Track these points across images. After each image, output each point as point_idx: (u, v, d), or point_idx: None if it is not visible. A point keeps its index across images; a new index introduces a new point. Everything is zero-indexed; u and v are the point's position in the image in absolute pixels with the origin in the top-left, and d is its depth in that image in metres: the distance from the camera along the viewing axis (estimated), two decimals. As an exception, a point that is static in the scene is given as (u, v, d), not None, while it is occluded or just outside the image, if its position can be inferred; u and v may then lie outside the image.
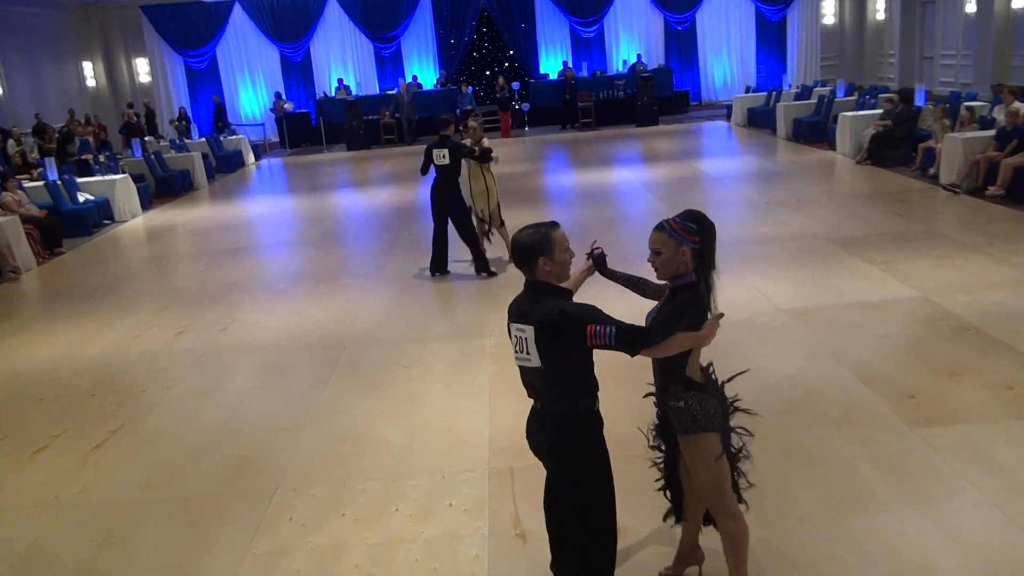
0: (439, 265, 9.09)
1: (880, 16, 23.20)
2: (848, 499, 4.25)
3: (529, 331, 3.04)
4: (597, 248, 3.71)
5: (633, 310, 3.86)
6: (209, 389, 6.45)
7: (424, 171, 8.99)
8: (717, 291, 3.27)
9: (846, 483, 4.40)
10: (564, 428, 3.16)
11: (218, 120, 23.03)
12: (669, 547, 3.88)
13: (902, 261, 8.05)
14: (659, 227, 3.19)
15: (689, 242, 3.13)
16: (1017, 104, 11.05)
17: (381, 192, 15.24)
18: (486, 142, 9.47)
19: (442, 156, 8.76)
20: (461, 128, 10.62)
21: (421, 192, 15.03)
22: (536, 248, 3.09)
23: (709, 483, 3.24)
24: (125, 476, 5.16)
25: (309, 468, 5.07)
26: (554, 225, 3.15)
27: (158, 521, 4.61)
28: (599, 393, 3.22)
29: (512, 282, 8.59)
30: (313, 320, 7.91)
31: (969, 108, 12.42)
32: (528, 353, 3.07)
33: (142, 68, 25.54)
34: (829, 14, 25.16)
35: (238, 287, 9.31)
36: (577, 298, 3.23)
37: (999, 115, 11.78)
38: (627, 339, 2.97)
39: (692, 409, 3.19)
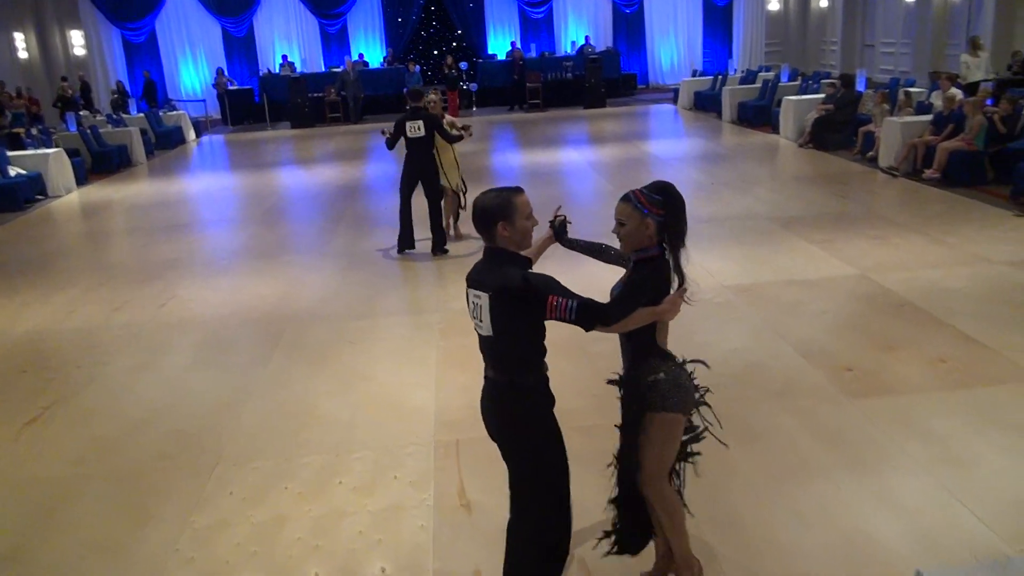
0: (407, 242, 8.85)
1: (823, 4, 23.58)
2: (788, 467, 4.33)
3: (485, 298, 2.97)
4: (560, 215, 3.54)
5: (598, 280, 3.85)
6: (147, 365, 6.30)
7: (391, 145, 8.67)
8: (687, 268, 3.12)
9: (786, 452, 4.48)
10: (511, 400, 3.11)
11: (147, 96, 22.23)
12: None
13: (842, 240, 8.21)
14: (625, 198, 3.09)
15: (654, 214, 3.04)
16: (954, 90, 11.33)
17: (326, 170, 15.02)
18: (459, 122, 9.37)
19: (416, 128, 8.47)
20: (407, 107, 10.47)
21: (367, 170, 14.88)
22: (497, 213, 2.98)
23: (658, 463, 3.20)
24: (59, 452, 5.01)
25: (251, 443, 4.98)
26: (517, 190, 3.05)
27: (93, 497, 4.49)
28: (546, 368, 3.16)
29: (464, 263, 8.57)
30: (255, 296, 7.77)
31: (907, 93, 12.69)
32: (482, 320, 3.02)
33: (77, 40, 24.69)
34: (774, 0, 25.46)
35: (178, 263, 9.10)
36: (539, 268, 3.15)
37: (936, 100, 12.06)
38: (587, 315, 2.90)
39: (670, 385, 3.10)
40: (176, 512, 4.27)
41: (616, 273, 3.39)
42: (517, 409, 3.11)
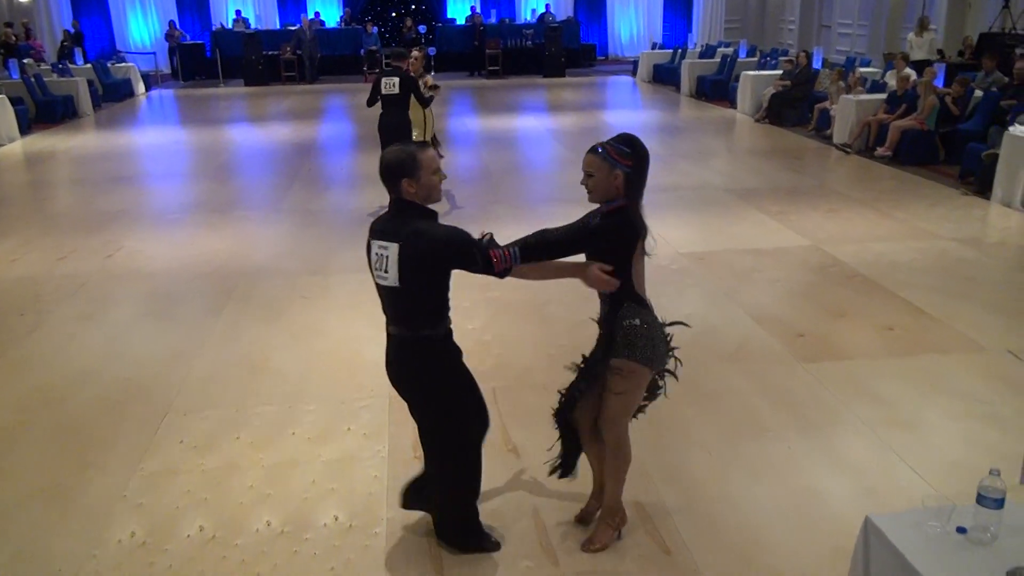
0: None
1: (783, -18, 23.73)
2: (740, 427, 4.39)
3: (393, 249, 2.95)
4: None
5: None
6: (93, 315, 6.14)
7: (371, 102, 8.68)
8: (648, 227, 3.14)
9: (738, 413, 4.55)
10: (419, 354, 3.11)
11: (62, 46, 21.02)
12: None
13: (795, 213, 8.32)
14: (592, 150, 3.10)
15: (622, 165, 3.05)
16: (908, 70, 11.51)
17: (280, 128, 14.74)
18: (430, 79, 9.38)
19: (391, 85, 8.45)
20: (365, 68, 10.26)
21: (322, 130, 14.65)
22: (401, 168, 2.97)
23: (620, 410, 3.25)
24: (1, 400, 4.87)
25: (201, 393, 4.90)
26: (423, 146, 3.06)
27: (36, 444, 4.37)
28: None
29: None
30: (206, 250, 7.62)
31: (858, 73, 12.85)
32: (387, 272, 2.99)
33: (21, -15, 23.79)
34: (735, -23, 25.57)
35: (126, 215, 8.88)
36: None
37: (891, 80, 12.24)
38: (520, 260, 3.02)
39: (643, 335, 3.13)
40: (123, 460, 4.18)
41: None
42: (427, 363, 3.13)
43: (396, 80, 8.45)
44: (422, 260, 2.94)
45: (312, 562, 3.42)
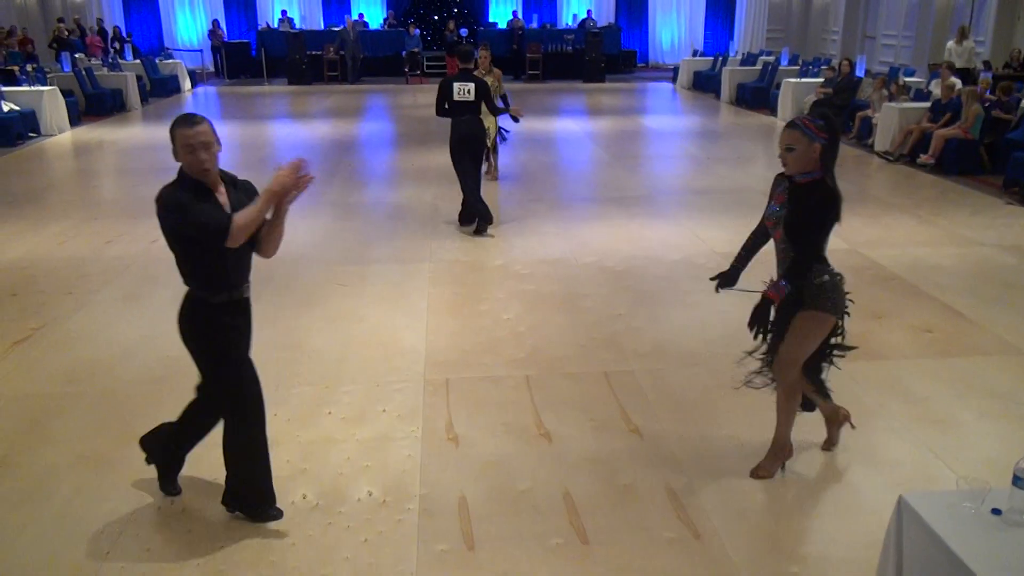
0: (484, 216, 7.79)
1: (827, -8, 23.56)
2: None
3: None
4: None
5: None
6: (138, 295, 6.30)
7: (441, 111, 7.73)
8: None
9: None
10: (184, 309, 3.38)
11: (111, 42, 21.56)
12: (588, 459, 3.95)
13: (834, 217, 8.26)
14: (792, 124, 3.37)
15: (820, 138, 3.29)
16: (953, 79, 11.38)
17: (322, 125, 14.93)
18: (518, 110, 8.68)
19: (466, 91, 7.55)
20: (407, 70, 10.23)
21: (362, 127, 14.82)
22: (170, 134, 3.23)
23: (796, 351, 3.56)
24: (48, 370, 5.02)
25: (241, 372, 4.99)
26: (187, 123, 3.21)
27: (81, 413, 4.50)
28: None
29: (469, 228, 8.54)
30: (248, 238, 7.74)
31: (903, 81, 12.73)
32: None
33: (74, -17, 24.37)
34: (778, -14, 25.44)
35: (170, 203, 9.05)
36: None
37: (935, 89, 12.11)
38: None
39: (831, 287, 3.45)
40: (164, 431, 4.28)
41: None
42: (188, 321, 3.38)
43: (471, 86, 7.57)
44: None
45: (345, 534, 3.48)
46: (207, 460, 3.99)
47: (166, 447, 3.72)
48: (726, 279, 3.94)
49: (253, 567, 3.28)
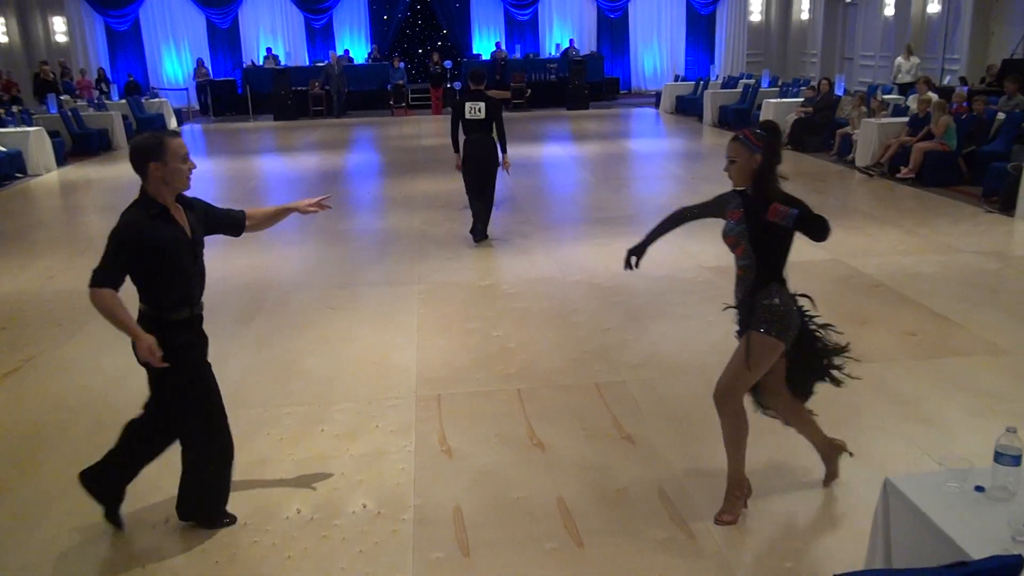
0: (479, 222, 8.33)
1: (804, 16, 23.93)
2: (763, 423, 4.38)
3: None
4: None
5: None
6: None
7: (454, 130, 8.20)
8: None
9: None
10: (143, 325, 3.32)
11: (129, 95, 21.89)
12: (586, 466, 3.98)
13: (818, 230, 8.35)
14: (735, 138, 3.38)
15: (758, 147, 3.31)
16: (930, 93, 11.57)
17: (309, 158, 15.03)
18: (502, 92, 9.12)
19: (477, 110, 7.92)
20: (391, 103, 10.28)
21: (349, 159, 14.92)
22: (149, 152, 3.20)
23: (737, 379, 3.42)
24: (39, 399, 5.03)
25: (233, 394, 4.95)
26: (173, 134, 3.32)
27: (75, 440, 4.50)
28: None
29: (467, 242, 8.59)
30: (236, 267, 7.78)
31: (881, 98, 12.94)
32: None
33: (59, 27, 24.49)
34: (756, 11, 25.79)
35: (159, 236, 9.08)
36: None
37: (913, 104, 12.30)
38: None
39: (781, 311, 3.33)
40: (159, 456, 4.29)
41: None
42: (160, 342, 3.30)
43: (482, 105, 7.90)
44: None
45: (341, 546, 3.49)
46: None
47: (115, 478, 3.65)
48: (635, 252, 3.96)
49: (249, 580, 3.28)
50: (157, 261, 3.25)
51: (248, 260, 7.99)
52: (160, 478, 3.81)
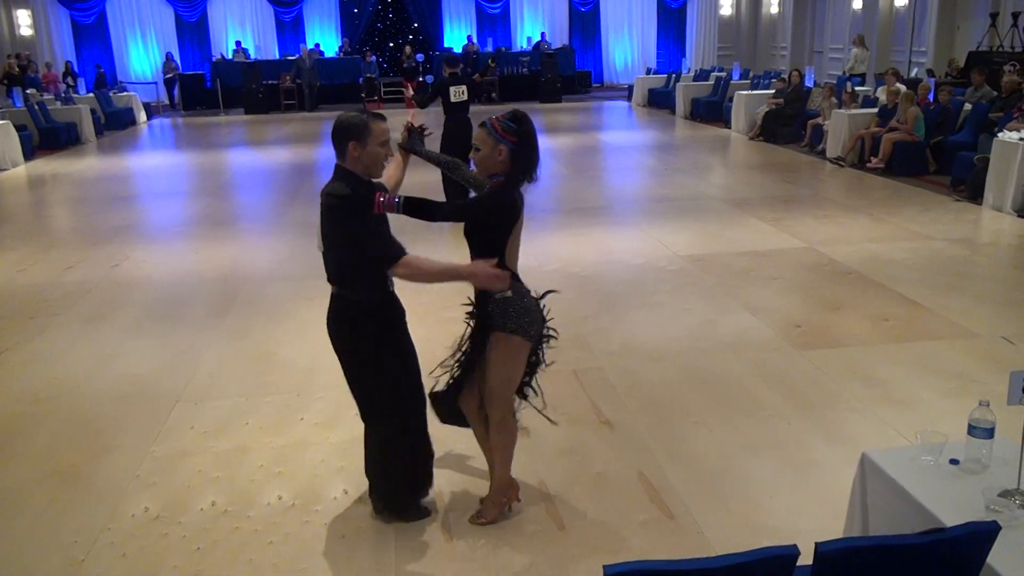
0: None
1: (774, 10, 24.14)
2: (739, 406, 4.49)
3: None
4: (419, 125, 3.70)
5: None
6: (102, 316, 6.24)
7: (425, 104, 8.78)
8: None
9: (737, 394, 4.64)
10: (339, 312, 3.28)
11: (98, 88, 21.61)
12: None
13: (790, 219, 8.47)
14: (481, 124, 3.17)
15: (507, 140, 3.11)
16: (899, 84, 11.73)
17: (281, 152, 14.93)
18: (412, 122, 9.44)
19: (461, 93, 8.45)
20: (363, 96, 10.35)
21: (322, 152, 14.84)
22: (352, 131, 3.07)
23: (502, 382, 3.25)
24: (14, 391, 4.96)
25: (210, 385, 4.99)
26: (379, 117, 3.16)
27: (51, 430, 4.46)
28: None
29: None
30: (210, 259, 7.73)
31: (851, 89, 13.09)
32: (317, 235, 3.23)
33: (23, 20, 24.11)
34: (727, 5, 25.96)
35: (131, 229, 9.00)
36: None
37: (882, 95, 12.46)
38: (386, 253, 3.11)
39: (516, 306, 3.16)
40: (135, 444, 4.26)
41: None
42: (344, 323, 3.28)
43: (464, 88, 8.44)
44: (322, 216, 3.12)
45: (322, 531, 3.49)
46: (182, 468, 3.99)
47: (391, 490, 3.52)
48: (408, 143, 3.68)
49: (231, 566, 3.27)
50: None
51: (223, 253, 7.94)
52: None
